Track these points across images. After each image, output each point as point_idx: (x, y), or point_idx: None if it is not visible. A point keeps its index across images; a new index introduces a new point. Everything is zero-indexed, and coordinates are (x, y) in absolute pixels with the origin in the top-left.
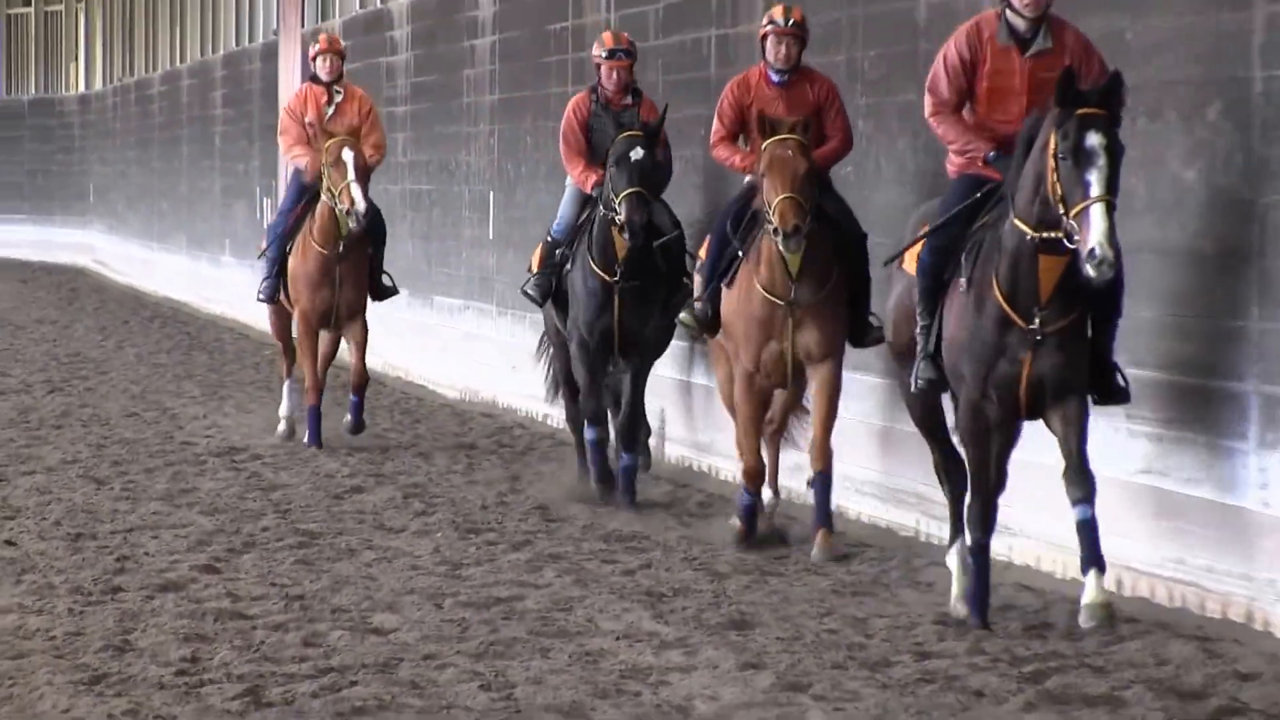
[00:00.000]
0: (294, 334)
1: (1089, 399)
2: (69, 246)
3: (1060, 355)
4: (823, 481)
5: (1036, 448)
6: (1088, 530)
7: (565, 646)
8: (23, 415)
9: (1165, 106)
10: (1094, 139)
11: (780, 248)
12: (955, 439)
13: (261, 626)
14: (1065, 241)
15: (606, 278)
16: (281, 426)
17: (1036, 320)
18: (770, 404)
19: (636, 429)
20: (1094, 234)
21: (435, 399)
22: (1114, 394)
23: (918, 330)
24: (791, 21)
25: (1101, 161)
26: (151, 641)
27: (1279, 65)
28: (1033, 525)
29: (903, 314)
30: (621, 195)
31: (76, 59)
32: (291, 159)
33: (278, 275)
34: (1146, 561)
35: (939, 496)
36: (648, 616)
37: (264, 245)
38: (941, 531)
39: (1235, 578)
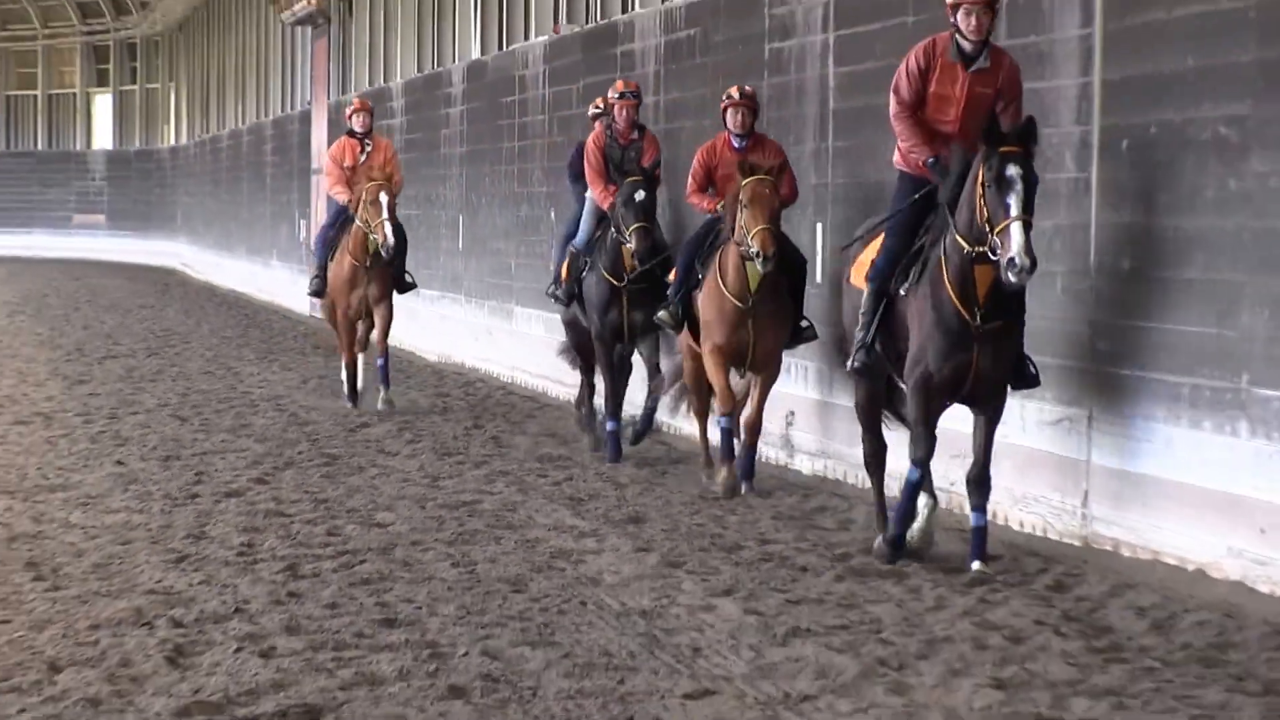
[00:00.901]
0: (336, 321)
1: (1006, 392)
2: (163, 254)
3: (997, 351)
4: (750, 449)
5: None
6: (979, 535)
7: (511, 536)
8: (129, 372)
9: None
10: (1012, 170)
11: (759, 268)
12: (885, 430)
13: (297, 522)
14: (991, 255)
15: (615, 283)
16: (346, 389)
17: (979, 318)
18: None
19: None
20: (1013, 246)
21: (420, 362)
22: (1026, 380)
23: (860, 324)
24: (744, 95)
25: (1019, 188)
26: (219, 532)
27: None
28: (847, 453)
29: (854, 322)
30: (631, 229)
31: (169, 122)
32: (334, 195)
33: (321, 277)
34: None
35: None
36: (569, 514)
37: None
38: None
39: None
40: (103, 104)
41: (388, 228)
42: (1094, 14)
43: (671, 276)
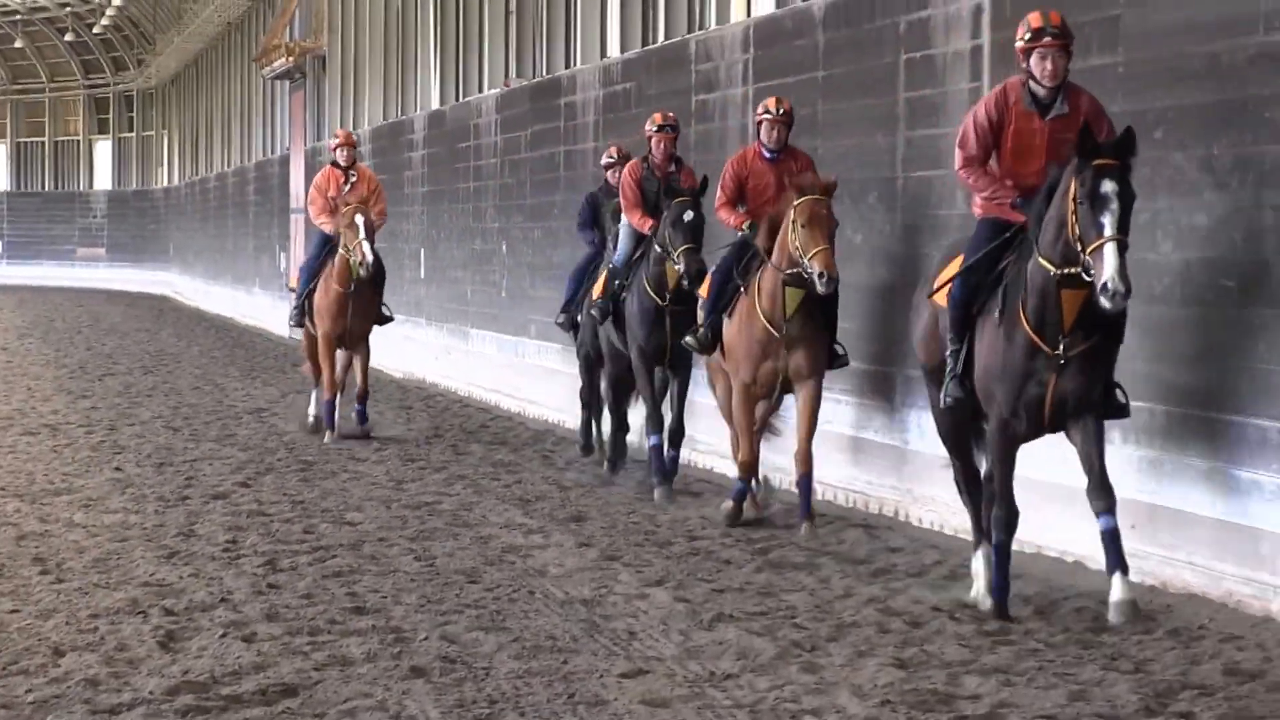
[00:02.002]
0: (318, 351)
1: (1099, 410)
2: (157, 283)
3: (1081, 376)
4: (805, 482)
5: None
6: (1111, 539)
7: (467, 533)
8: (127, 388)
9: (846, 195)
10: (1108, 186)
11: (820, 288)
12: (978, 456)
13: (276, 521)
14: (1084, 275)
15: (659, 302)
16: (309, 421)
17: (1061, 346)
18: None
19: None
20: (1107, 269)
21: (386, 378)
22: (1115, 410)
23: (948, 354)
24: (782, 111)
25: (1114, 205)
26: (207, 530)
27: (914, 169)
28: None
29: (931, 340)
30: (679, 251)
31: (162, 165)
32: (318, 223)
33: (304, 307)
34: (837, 480)
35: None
36: (519, 514)
37: (293, 283)
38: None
39: (889, 489)
40: (103, 149)
41: (365, 246)
42: (983, 69)
43: (702, 293)
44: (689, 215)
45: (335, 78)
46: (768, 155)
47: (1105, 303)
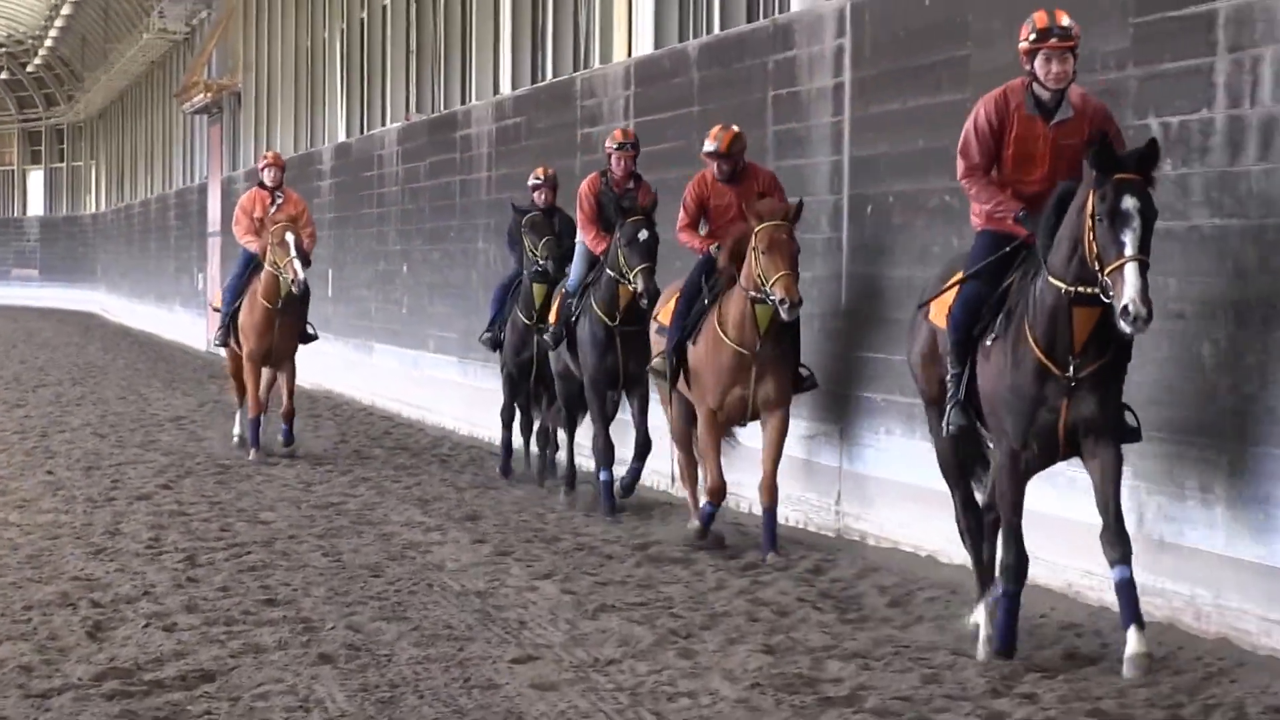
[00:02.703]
0: (244, 370)
1: (1120, 447)
2: (86, 301)
3: (1094, 398)
4: (769, 515)
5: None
6: (1126, 590)
7: (371, 530)
8: (57, 398)
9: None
10: (1129, 202)
11: (784, 315)
12: (977, 492)
13: (195, 520)
14: (1101, 296)
15: (609, 323)
16: (235, 440)
17: (1071, 368)
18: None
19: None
20: (1129, 291)
21: (297, 390)
22: (1127, 434)
23: (949, 378)
24: (720, 150)
25: (1135, 223)
26: (131, 529)
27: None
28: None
29: (929, 363)
30: (636, 270)
31: (90, 193)
32: (244, 243)
33: (229, 326)
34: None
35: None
36: (419, 513)
37: (217, 303)
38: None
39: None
40: (36, 178)
41: (297, 264)
42: (844, 105)
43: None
44: (644, 234)
45: (249, 112)
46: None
47: (1126, 326)
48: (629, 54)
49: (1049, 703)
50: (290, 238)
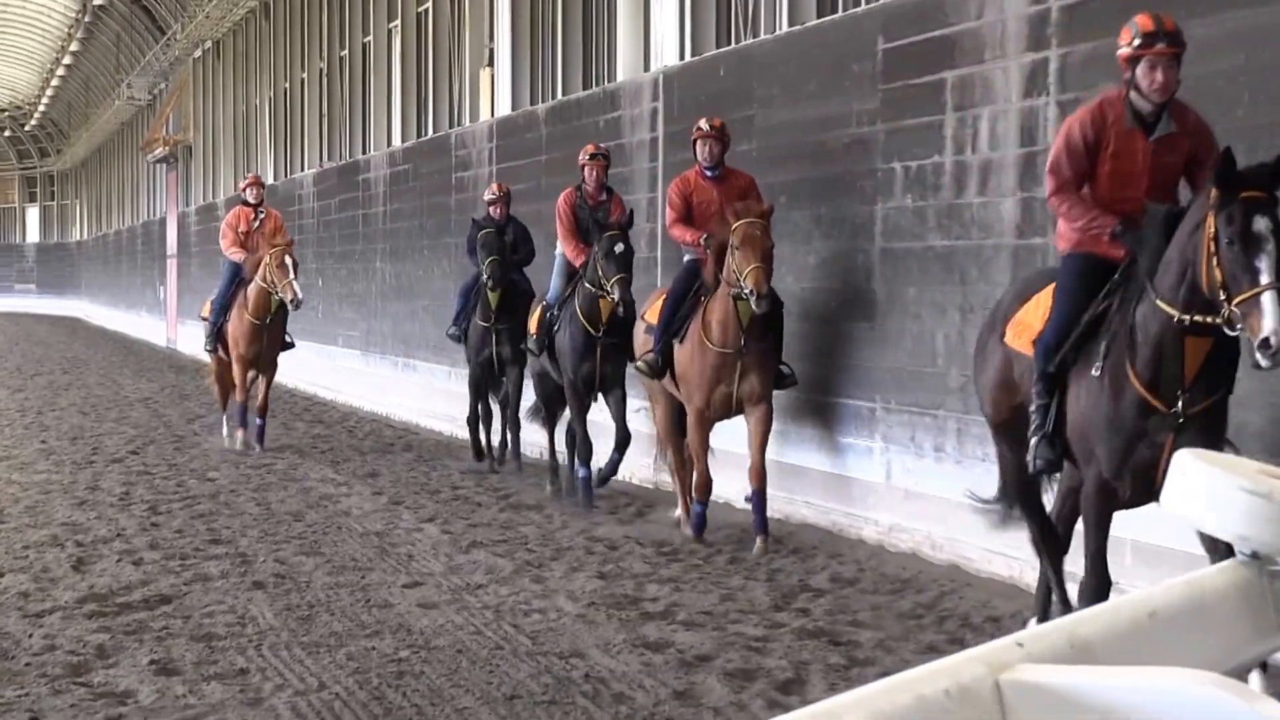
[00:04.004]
0: (232, 373)
1: None
2: (73, 309)
3: (1203, 437)
4: (759, 498)
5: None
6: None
7: (294, 485)
8: (50, 384)
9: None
10: (1261, 223)
11: (754, 307)
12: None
13: (158, 478)
14: (1225, 329)
15: (593, 332)
16: (226, 442)
17: (1180, 403)
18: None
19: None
20: (1268, 323)
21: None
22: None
23: (1034, 409)
24: (712, 127)
25: (1270, 247)
26: (108, 485)
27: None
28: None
29: (1003, 391)
30: (613, 280)
31: (76, 224)
32: (229, 254)
33: (217, 335)
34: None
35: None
36: (331, 471)
37: (205, 312)
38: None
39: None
40: (33, 214)
41: (296, 285)
42: (659, 153)
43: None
44: (619, 247)
45: (198, 161)
46: (708, 173)
47: (1265, 362)
48: (492, 114)
49: (818, 615)
50: (289, 260)
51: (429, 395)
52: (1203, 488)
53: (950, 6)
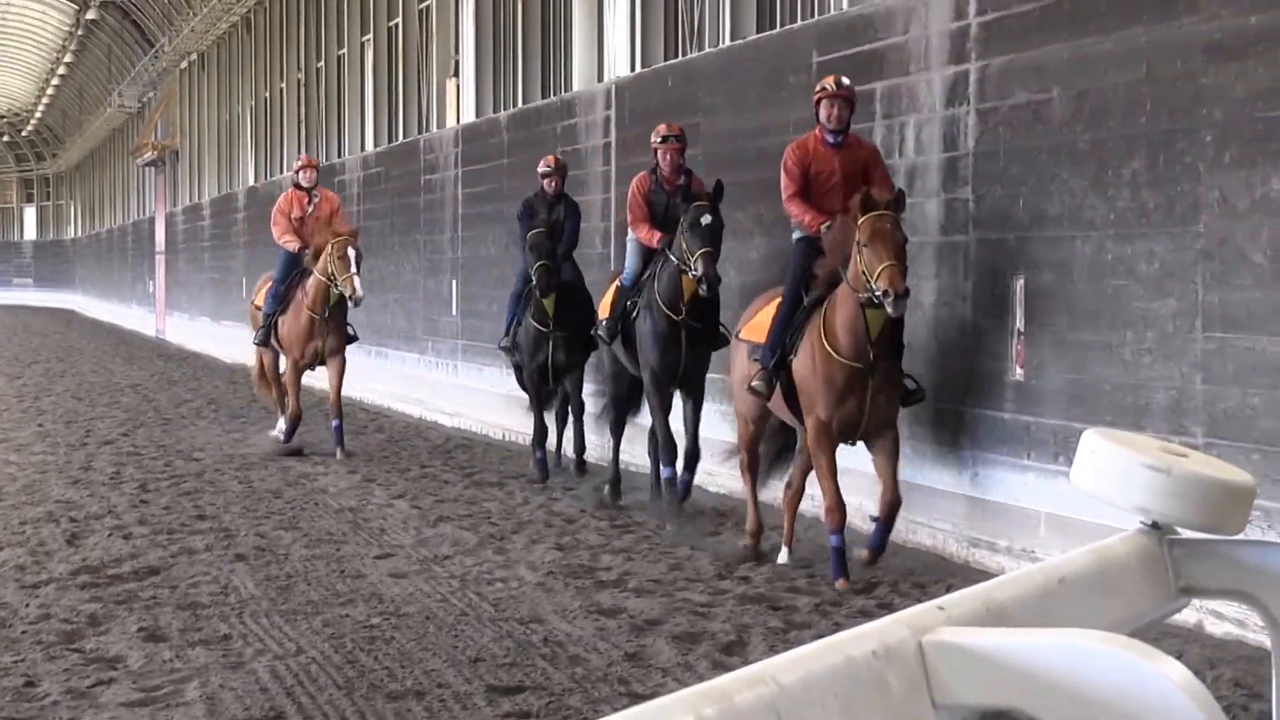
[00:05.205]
0: (287, 376)
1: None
2: (68, 302)
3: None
4: (886, 526)
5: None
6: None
7: (274, 465)
8: (46, 371)
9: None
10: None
11: (889, 309)
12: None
13: (146, 459)
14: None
15: (674, 317)
16: (276, 434)
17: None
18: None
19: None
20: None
21: (222, 365)
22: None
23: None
24: (840, 85)
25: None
26: (100, 465)
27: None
28: (476, 415)
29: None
30: (697, 254)
31: (70, 223)
32: (282, 242)
33: (270, 328)
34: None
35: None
36: (307, 451)
37: (258, 301)
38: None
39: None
40: (30, 213)
41: (357, 281)
42: (611, 158)
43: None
44: (706, 218)
45: (185, 165)
46: (830, 140)
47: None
48: (458, 121)
49: (758, 582)
50: (351, 253)
51: (399, 381)
52: (1108, 464)
53: (879, 23)
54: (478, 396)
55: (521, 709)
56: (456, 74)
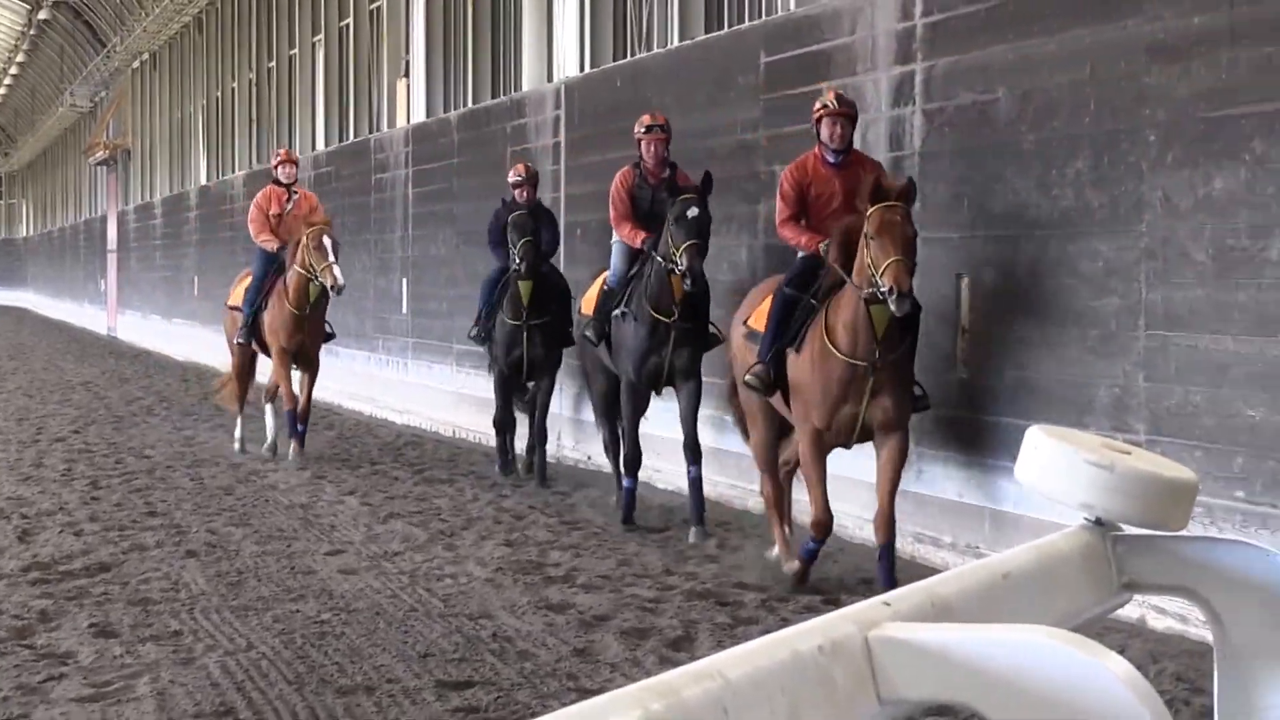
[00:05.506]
0: (274, 369)
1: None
2: (20, 300)
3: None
4: (886, 551)
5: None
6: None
7: (224, 462)
8: None
9: (476, 241)
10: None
11: (893, 308)
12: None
13: (98, 455)
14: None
15: (664, 320)
16: (236, 445)
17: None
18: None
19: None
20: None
21: (173, 361)
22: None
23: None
24: (842, 102)
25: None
26: (51, 462)
27: None
28: (416, 409)
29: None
30: (682, 248)
31: (22, 222)
32: (259, 241)
33: (252, 325)
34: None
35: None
36: (258, 448)
37: (234, 300)
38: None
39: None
40: None
41: (337, 270)
42: (561, 157)
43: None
44: (693, 211)
45: (137, 164)
46: (831, 159)
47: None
48: (408, 120)
49: (706, 578)
50: (328, 241)
51: (350, 379)
52: (1052, 461)
53: (826, 24)
54: (428, 394)
55: (470, 704)
56: (407, 74)
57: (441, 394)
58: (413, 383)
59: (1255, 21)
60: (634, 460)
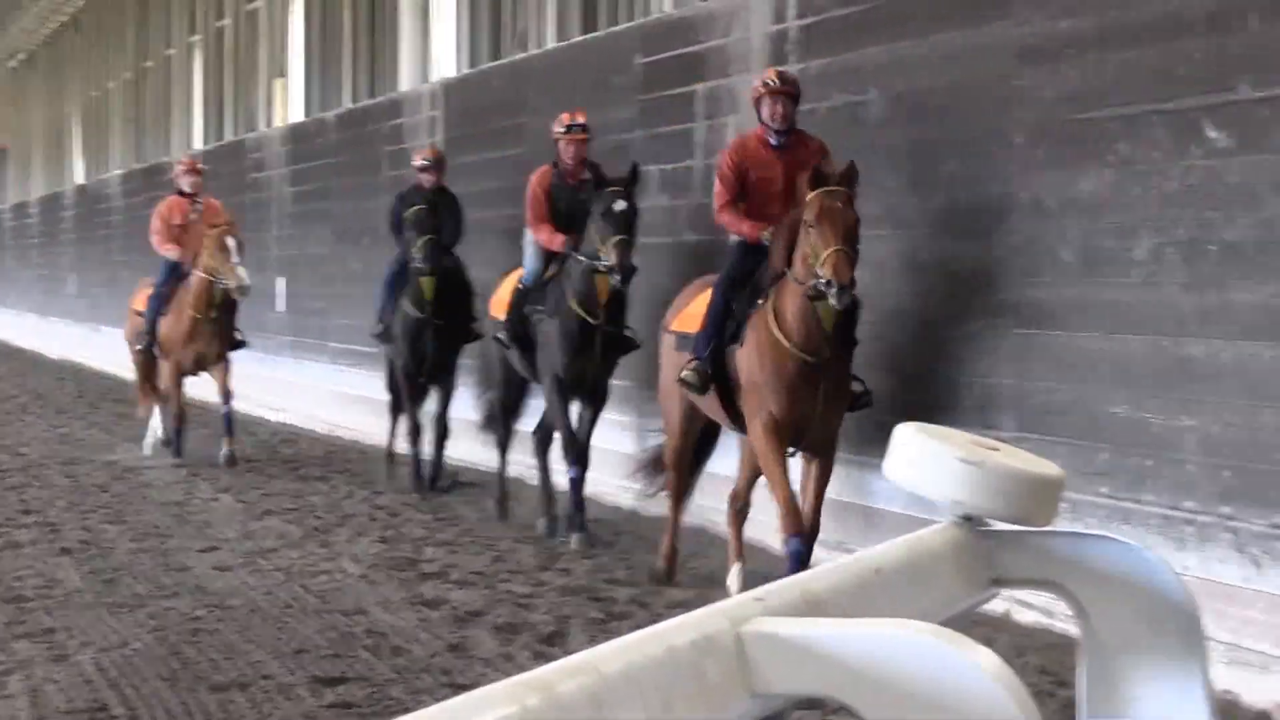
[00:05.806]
0: (166, 379)
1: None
2: None
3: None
4: (806, 551)
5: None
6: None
7: (100, 459)
8: None
9: (349, 239)
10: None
11: (833, 301)
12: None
13: (33, 465)
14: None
15: (591, 321)
16: (146, 449)
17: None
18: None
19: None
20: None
21: (47, 360)
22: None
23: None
24: (784, 80)
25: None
26: None
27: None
28: (325, 416)
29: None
30: (610, 242)
31: None
32: (163, 251)
33: (152, 333)
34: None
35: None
36: (136, 449)
37: (140, 305)
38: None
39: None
40: None
41: (241, 271)
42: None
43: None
44: (620, 205)
45: (13, 163)
46: (773, 141)
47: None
48: (286, 120)
49: (580, 574)
50: (231, 242)
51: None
52: (921, 457)
53: (701, 26)
54: (304, 392)
55: (344, 699)
56: (284, 74)
57: (317, 392)
58: (289, 380)
59: (1122, 25)
60: (575, 448)
